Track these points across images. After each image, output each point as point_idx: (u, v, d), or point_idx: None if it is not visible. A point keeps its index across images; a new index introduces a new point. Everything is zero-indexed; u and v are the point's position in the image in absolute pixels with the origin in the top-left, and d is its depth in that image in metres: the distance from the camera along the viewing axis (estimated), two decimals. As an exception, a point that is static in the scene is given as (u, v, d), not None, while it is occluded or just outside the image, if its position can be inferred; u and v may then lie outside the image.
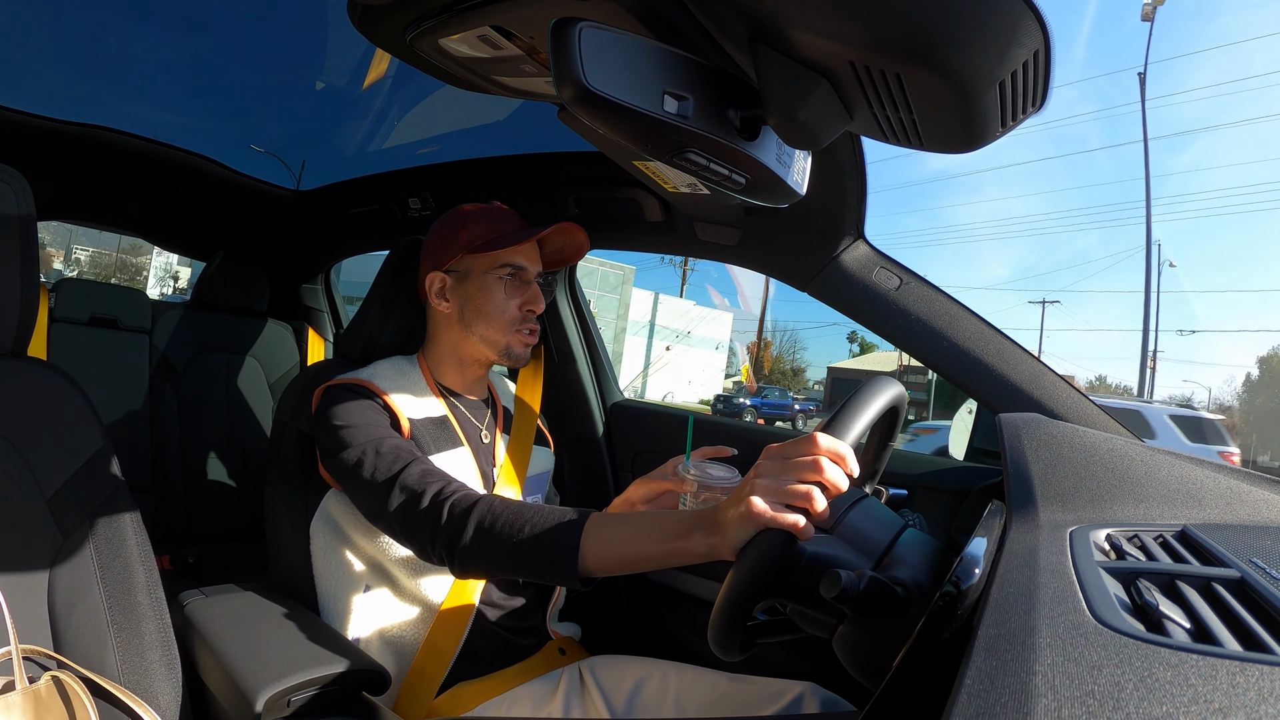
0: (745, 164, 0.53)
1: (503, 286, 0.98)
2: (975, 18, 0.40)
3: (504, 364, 1.03)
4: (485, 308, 0.98)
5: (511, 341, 1.00)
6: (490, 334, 0.99)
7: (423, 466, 0.84)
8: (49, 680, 0.65)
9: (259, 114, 1.74)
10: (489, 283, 0.98)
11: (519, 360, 1.01)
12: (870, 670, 0.61)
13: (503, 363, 1.02)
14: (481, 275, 0.99)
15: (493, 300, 0.98)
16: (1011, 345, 0.93)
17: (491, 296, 0.98)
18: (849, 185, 0.94)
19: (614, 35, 0.45)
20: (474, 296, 0.99)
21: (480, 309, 0.99)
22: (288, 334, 1.97)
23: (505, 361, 1.01)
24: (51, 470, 0.75)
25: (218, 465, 1.78)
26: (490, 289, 0.98)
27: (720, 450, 0.91)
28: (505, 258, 0.99)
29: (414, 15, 0.66)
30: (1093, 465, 0.65)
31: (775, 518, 0.58)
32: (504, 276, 0.98)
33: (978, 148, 0.51)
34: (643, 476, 0.96)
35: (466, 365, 1.04)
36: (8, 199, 0.75)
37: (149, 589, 0.76)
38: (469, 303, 1.00)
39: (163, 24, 1.36)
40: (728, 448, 0.91)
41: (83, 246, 30.82)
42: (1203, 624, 0.34)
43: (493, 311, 0.98)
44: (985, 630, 0.35)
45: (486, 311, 0.99)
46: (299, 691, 0.72)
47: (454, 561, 0.77)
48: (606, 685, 0.96)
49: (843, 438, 0.61)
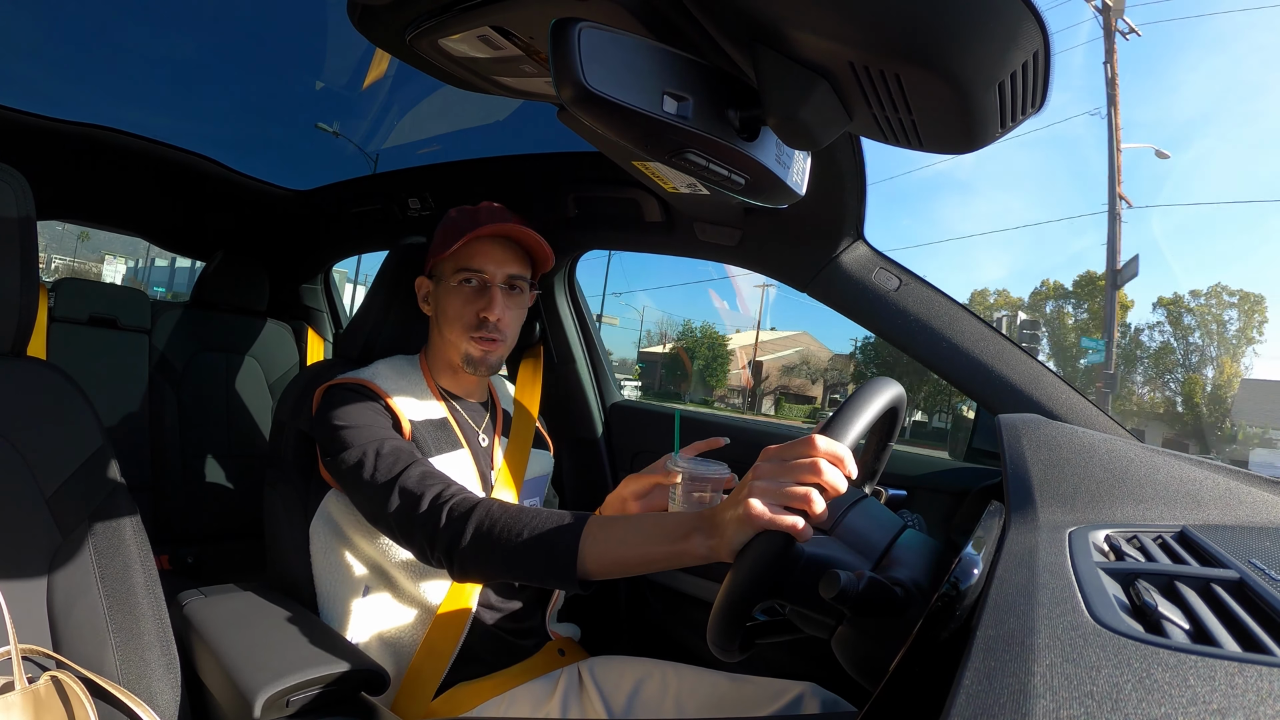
0: (744, 164, 0.53)
1: (460, 292, 0.98)
2: (974, 19, 0.40)
3: (471, 373, 1.00)
4: (448, 312, 0.99)
5: (469, 348, 0.98)
6: (454, 338, 0.99)
7: (422, 469, 0.84)
8: (48, 680, 0.65)
9: (259, 113, 1.74)
10: (450, 288, 0.98)
11: (478, 367, 0.99)
12: (869, 671, 0.61)
13: (469, 371, 1.00)
14: (446, 280, 0.99)
15: (452, 305, 0.98)
16: (1011, 346, 0.93)
17: (452, 301, 0.98)
18: (848, 186, 0.94)
19: (613, 35, 0.45)
20: (441, 301, 1.00)
21: (444, 313, 0.99)
22: (287, 334, 1.97)
23: (469, 369, 1.00)
24: (51, 470, 0.75)
25: (217, 465, 1.78)
26: (451, 294, 0.98)
27: (711, 442, 0.90)
28: (463, 262, 0.98)
29: (414, 15, 0.66)
30: (1092, 466, 0.65)
31: (774, 519, 0.58)
32: (462, 282, 0.98)
33: (977, 148, 0.51)
34: (635, 473, 0.96)
35: (454, 370, 1.03)
36: (7, 198, 0.75)
37: (148, 589, 0.76)
38: (438, 307, 1.00)
39: (163, 23, 1.36)
40: (719, 439, 0.90)
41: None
42: (1201, 625, 0.34)
43: (452, 317, 0.98)
44: (984, 631, 0.35)
45: (449, 317, 0.98)
46: (298, 691, 0.72)
47: (452, 565, 0.76)
48: (605, 686, 0.96)
49: (841, 439, 0.61)
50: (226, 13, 1.32)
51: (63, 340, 1.60)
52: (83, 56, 1.47)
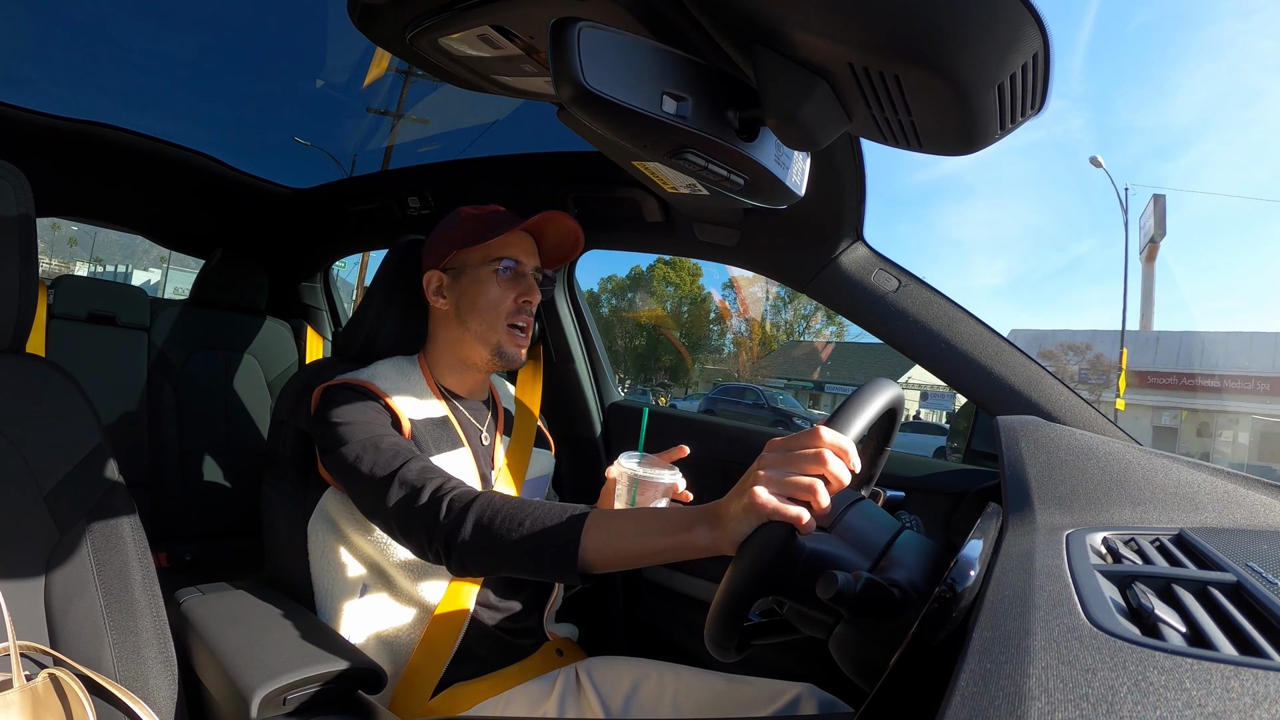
0: (744, 165, 0.53)
1: (496, 280, 0.98)
2: (974, 20, 0.40)
3: (498, 366, 1.02)
4: (479, 302, 0.98)
5: (504, 339, 0.99)
6: (484, 330, 0.99)
7: (422, 463, 0.84)
8: (46, 678, 0.65)
9: (259, 112, 1.74)
10: (483, 276, 0.98)
11: (511, 361, 1.00)
12: (866, 672, 0.61)
13: (496, 365, 1.01)
14: (476, 270, 0.99)
15: (486, 294, 0.98)
16: (1009, 348, 0.93)
17: (485, 290, 0.98)
18: (848, 187, 0.94)
19: (613, 35, 0.45)
20: (468, 291, 0.99)
21: (474, 303, 0.99)
22: (286, 332, 1.97)
23: (498, 363, 1.00)
24: (49, 467, 0.75)
25: (215, 463, 1.78)
26: (484, 283, 0.98)
27: (676, 451, 0.90)
28: (498, 251, 0.98)
29: (414, 14, 0.66)
30: (1089, 468, 0.65)
31: (778, 509, 0.57)
32: (498, 270, 0.98)
33: (976, 150, 0.51)
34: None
35: (465, 367, 1.03)
36: (7, 195, 0.75)
37: (145, 586, 0.76)
38: (464, 298, 1.00)
39: (163, 21, 1.36)
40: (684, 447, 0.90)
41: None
42: (1198, 628, 0.34)
43: (486, 305, 0.98)
44: (980, 633, 0.35)
45: (480, 306, 0.98)
46: (295, 689, 0.72)
47: (451, 558, 0.76)
48: (603, 686, 0.96)
49: (846, 433, 0.61)
50: (227, 11, 1.32)
51: (62, 337, 1.59)
52: (83, 53, 1.47)
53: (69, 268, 27.73)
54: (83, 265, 28.38)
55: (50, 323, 1.59)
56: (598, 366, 1.46)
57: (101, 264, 28.53)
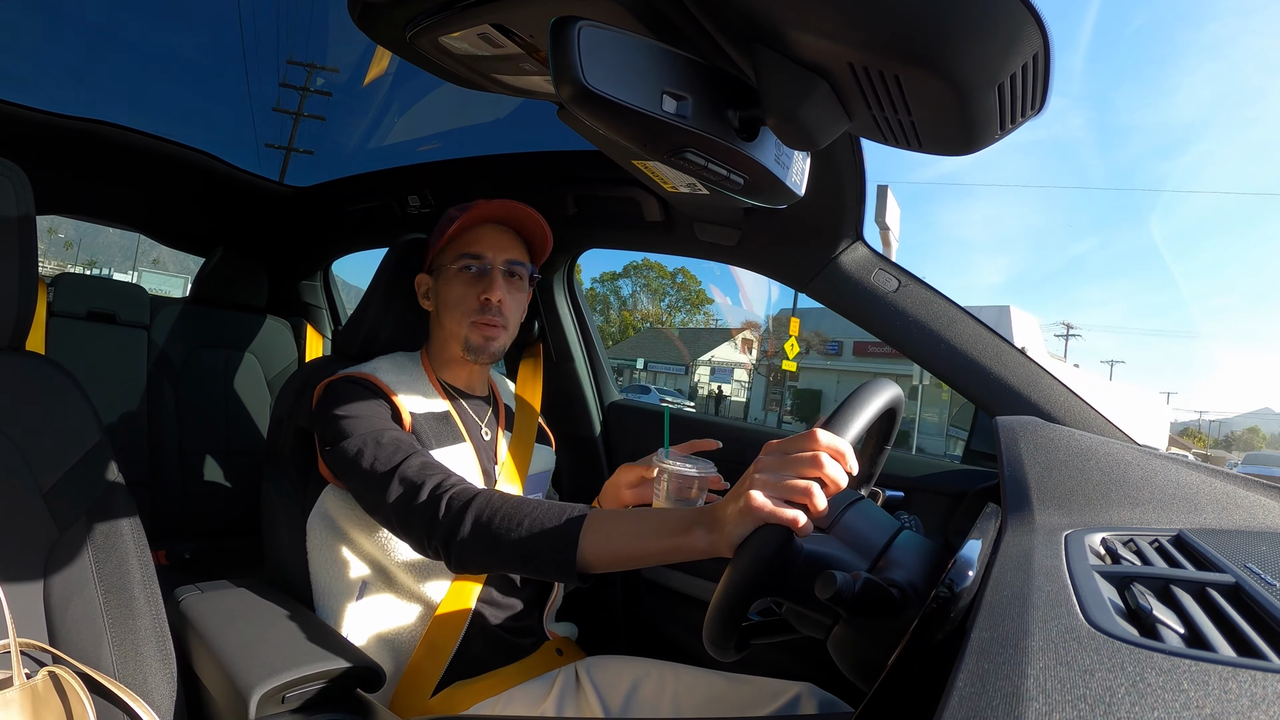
0: (744, 164, 0.53)
1: (461, 277, 0.99)
2: (974, 20, 0.40)
3: (473, 360, 1.01)
4: (448, 300, 0.99)
5: (469, 333, 0.99)
6: (453, 326, 0.99)
7: (422, 459, 0.84)
8: (46, 676, 0.65)
9: (259, 110, 1.74)
10: (450, 275, 0.99)
11: (480, 354, 1.00)
12: (864, 671, 0.61)
13: (470, 359, 1.01)
14: (446, 269, 1.00)
15: (453, 292, 0.99)
16: (1009, 348, 0.93)
17: (452, 288, 0.99)
18: (848, 187, 0.94)
19: (613, 34, 0.45)
20: (442, 291, 1.01)
21: (445, 302, 1.00)
22: (286, 330, 1.97)
23: (470, 357, 1.00)
24: (48, 465, 0.75)
25: (214, 461, 1.78)
26: (451, 281, 0.99)
27: (704, 443, 0.91)
28: (462, 248, 0.99)
29: (414, 12, 0.66)
30: (1089, 469, 0.65)
31: (774, 512, 0.57)
32: (462, 268, 0.98)
33: (976, 150, 0.51)
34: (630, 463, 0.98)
35: (456, 363, 1.04)
36: (7, 193, 0.75)
37: (144, 584, 0.76)
38: (439, 298, 1.01)
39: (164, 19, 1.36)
40: (713, 441, 0.91)
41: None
42: (1197, 629, 0.34)
43: (453, 303, 0.99)
44: (978, 633, 0.35)
45: (449, 304, 0.99)
46: (294, 688, 0.72)
47: (450, 556, 0.76)
48: (602, 686, 0.96)
49: (843, 435, 0.61)
50: (228, 9, 1.32)
51: (61, 335, 1.60)
52: (84, 52, 1.47)
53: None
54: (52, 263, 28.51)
55: (50, 320, 1.59)
56: (597, 366, 1.46)
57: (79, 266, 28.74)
